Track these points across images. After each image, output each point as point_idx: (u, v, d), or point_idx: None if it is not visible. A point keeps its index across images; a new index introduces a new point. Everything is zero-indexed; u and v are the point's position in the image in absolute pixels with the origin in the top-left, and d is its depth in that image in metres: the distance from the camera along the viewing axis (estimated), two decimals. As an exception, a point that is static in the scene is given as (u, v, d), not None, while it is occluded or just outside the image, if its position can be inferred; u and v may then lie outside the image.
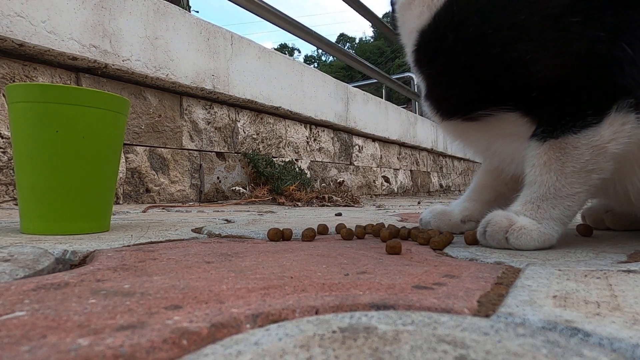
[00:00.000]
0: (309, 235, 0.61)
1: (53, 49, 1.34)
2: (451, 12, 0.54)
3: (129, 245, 0.53)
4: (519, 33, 0.49)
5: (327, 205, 1.82)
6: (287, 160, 2.32)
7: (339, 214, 1.21)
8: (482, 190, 0.72)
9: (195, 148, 1.89)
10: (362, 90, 3.14)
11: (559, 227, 0.52)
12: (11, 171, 1.31)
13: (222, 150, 2.02)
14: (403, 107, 4.00)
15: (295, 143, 2.48)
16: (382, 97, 4.51)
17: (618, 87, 0.47)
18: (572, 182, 0.51)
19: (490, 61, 0.51)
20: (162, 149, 1.75)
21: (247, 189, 2.03)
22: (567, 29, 0.47)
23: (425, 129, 4.09)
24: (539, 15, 0.48)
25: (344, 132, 2.91)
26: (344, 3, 2.72)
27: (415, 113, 4.33)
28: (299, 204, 1.80)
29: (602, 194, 0.63)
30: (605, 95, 0.48)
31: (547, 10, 0.48)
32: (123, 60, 1.54)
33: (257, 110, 2.21)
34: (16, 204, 1.31)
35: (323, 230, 0.69)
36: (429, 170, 4.28)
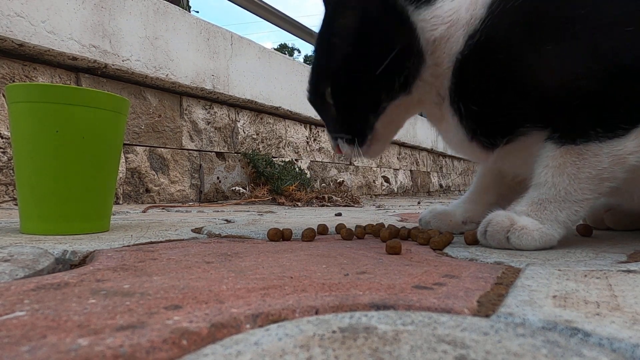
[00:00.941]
0: (309, 236, 0.61)
1: (53, 49, 1.34)
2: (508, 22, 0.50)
3: (128, 245, 0.53)
4: (579, 47, 0.47)
5: (327, 206, 1.82)
6: (287, 160, 2.33)
7: (339, 214, 1.21)
8: (484, 191, 0.71)
9: (195, 148, 1.89)
10: (362, 90, 3.14)
11: (562, 229, 0.52)
12: (11, 171, 1.31)
13: (222, 150, 2.02)
14: (403, 107, 3.99)
15: (295, 143, 2.48)
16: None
17: None
18: (584, 187, 0.50)
19: (544, 75, 0.49)
20: (162, 149, 1.75)
21: (247, 189, 2.03)
22: (619, 38, 0.47)
23: (425, 129, 4.09)
24: (600, 22, 0.47)
25: (343, 132, 2.91)
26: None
27: (415, 113, 4.33)
28: (299, 204, 1.80)
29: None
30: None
31: (606, 18, 0.47)
32: (123, 60, 1.54)
33: (257, 110, 2.21)
34: (16, 204, 1.31)
35: (323, 230, 0.69)
36: (428, 170, 4.28)
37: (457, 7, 0.53)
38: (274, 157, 2.28)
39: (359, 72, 0.55)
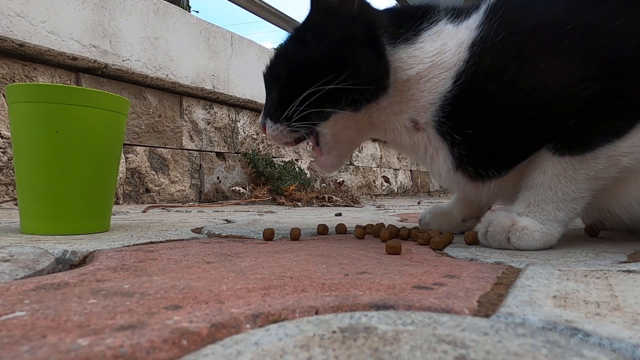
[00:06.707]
0: (326, 232, 0.60)
1: (53, 49, 1.34)
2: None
3: (129, 245, 0.53)
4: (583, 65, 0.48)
5: (327, 206, 1.82)
6: (287, 160, 2.32)
7: (339, 214, 1.21)
8: None
9: (195, 148, 1.89)
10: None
11: (561, 228, 0.53)
12: (11, 171, 1.31)
13: (222, 150, 2.02)
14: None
15: (295, 143, 2.48)
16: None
17: None
18: (581, 187, 0.51)
19: (553, 100, 0.49)
20: (162, 149, 1.75)
21: (247, 189, 2.03)
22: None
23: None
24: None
25: (344, 132, 2.90)
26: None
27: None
28: (299, 204, 1.80)
29: None
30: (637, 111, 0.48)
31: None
32: (123, 61, 1.54)
33: (257, 110, 2.21)
34: (16, 204, 1.31)
35: (323, 230, 0.69)
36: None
37: (440, 49, 0.54)
38: (274, 157, 2.28)
39: (318, 73, 0.56)
